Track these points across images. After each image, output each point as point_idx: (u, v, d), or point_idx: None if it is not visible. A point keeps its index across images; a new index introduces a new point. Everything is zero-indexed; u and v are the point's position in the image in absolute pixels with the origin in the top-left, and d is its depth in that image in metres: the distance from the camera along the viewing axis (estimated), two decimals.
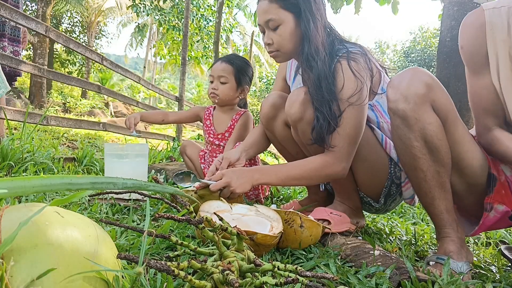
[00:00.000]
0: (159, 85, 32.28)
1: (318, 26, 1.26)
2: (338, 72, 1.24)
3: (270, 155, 6.58)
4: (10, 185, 0.46)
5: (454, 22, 3.26)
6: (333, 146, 1.23)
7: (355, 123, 1.22)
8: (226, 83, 1.93)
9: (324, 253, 1.03)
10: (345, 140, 1.22)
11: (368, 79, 1.26)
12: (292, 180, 1.26)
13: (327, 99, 1.22)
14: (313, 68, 1.25)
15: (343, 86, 1.22)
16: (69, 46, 3.36)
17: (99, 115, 13.13)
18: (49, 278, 0.45)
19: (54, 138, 3.60)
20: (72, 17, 17.89)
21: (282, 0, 1.26)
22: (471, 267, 1.03)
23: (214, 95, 1.95)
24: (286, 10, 1.27)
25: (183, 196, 0.86)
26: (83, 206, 1.31)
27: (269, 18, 1.28)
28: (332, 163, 1.23)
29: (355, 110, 1.21)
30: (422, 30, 18.19)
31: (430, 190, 1.06)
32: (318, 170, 1.24)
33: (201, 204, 1.08)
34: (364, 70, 1.23)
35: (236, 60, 1.96)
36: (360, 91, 1.21)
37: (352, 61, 1.23)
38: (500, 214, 1.08)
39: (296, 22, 1.27)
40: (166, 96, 6.96)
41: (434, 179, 1.05)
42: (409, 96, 1.01)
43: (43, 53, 12.01)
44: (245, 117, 2.02)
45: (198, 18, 11.23)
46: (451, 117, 1.03)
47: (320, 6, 1.29)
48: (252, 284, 0.60)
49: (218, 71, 1.93)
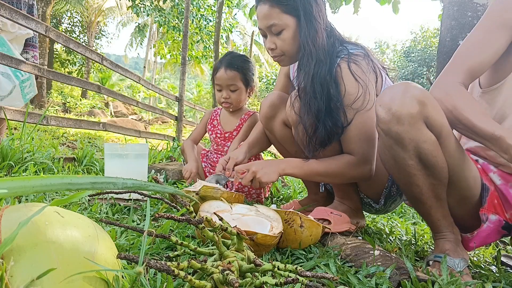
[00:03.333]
0: (159, 85, 32.27)
1: (319, 28, 1.25)
2: (338, 77, 1.23)
3: (270, 155, 6.57)
4: (10, 185, 0.46)
5: (454, 22, 3.26)
6: (352, 151, 1.24)
7: (369, 126, 1.22)
8: (236, 90, 1.94)
9: (324, 253, 1.03)
10: (365, 142, 1.23)
11: (373, 80, 1.24)
12: (318, 176, 1.28)
13: (328, 105, 1.21)
14: (312, 72, 1.24)
15: (345, 92, 1.21)
16: (69, 46, 3.36)
17: (99, 115, 13.13)
18: (49, 278, 0.45)
19: (54, 138, 3.60)
20: (72, 17, 17.89)
21: (283, 4, 1.25)
22: (468, 263, 1.03)
23: (228, 104, 1.95)
24: (287, 14, 1.25)
25: (183, 196, 0.86)
26: (83, 206, 1.31)
27: (272, 23, 1.26)
28: (358, 165, 1.25)
29: (364, 114, 1.21)
30: (422, 30, 18.19)
31: (426, 201, 1.05)
32: (344, 169, 1.25)
33: (201, 204, 1.08)
34: (366, 72, 1.22)
35: (238, 62, 1.93)
36: (363, 95, 1.20)
37: (353, 64, 1.21)
38: (493, 224, 1.08)
39: (298, 25, 1.26)
40: (166, 96, 6.95)
41: (430, 191, 1.03)
42: (402, 116, 0.96)
43: (43, 53, 12.01)
44: (253, 118, 2.03)
45: (198, 18, 11.23)
46: (444, 131, 1.00)
47: (321, 7, 1.28)
48: (252, 284, 0.60)
49: (226, 80, 1.91)
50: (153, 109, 6.25)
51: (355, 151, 1.24)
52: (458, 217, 1.12)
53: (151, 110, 6.16)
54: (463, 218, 1.13)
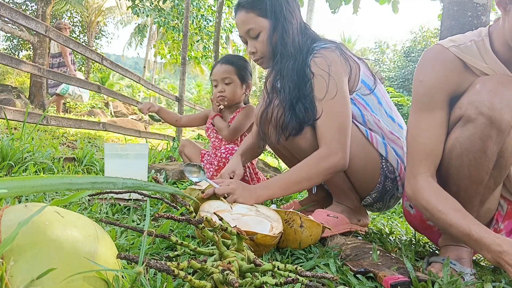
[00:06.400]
0: (159, 85, 32.26)
1: (289, 27, 1.31)
2: (306, 72, 1.28)
3: (270, 155, 6.57)
4: (10, 185, 0.46)
5: (454, 22, 3.26)
6: (320, 141, 1.25)
7: (338, 112, 1.24)
8: (231, 83, 1.99)
9: (324, 253, 1.03)
10: (332, 130, 1.23)
11: (342, 70, 1.27)
12: (294, 185, 1.24)
13: (298, 99, 1.26)
14: (280, 67, 1.30)
15: (313, 85, 1.26)
16: (69, 46, 3.36)
17: (99, 115, 13.11)
18: (49, 278, 0.45)
19: (54, 138, 3.60)
20: (72, 17, 17.87)
21: (257, 8, 1.33)
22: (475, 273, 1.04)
23: (222, 97, 1.99)
24: (262, 17, 1.33)
25: (183, 196, 0.86)
26: (83, 206, 1.31)
27: (249, 27, 1.35)
28: (327, 155, 1.21)
29: (333, 101, 1.23)
30: (422, 30, 18.19)
31: (475, 203, 1.01)
32: (315, 166, 1.22)
33: (201, 204, 1.08)
34: (333, 63, 1.26)
35: (233, 59, 2.02)
36: (326, 85, 1.23)
37: (316, 58, 1.27)
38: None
39: (273, 27, 1.32)
40: (166, 96, 6.96)
41: (487, 193, 1.01)
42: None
43: (43, 53, 11.99)
44: (247, 108, 2.08)
45: (198, 18, 11.22)
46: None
47: (294, 8, 1.35)
48: (252, 284, 0.60)
49: (221, 74, 1.98)
50: None
51: (323, 140, 1.24)
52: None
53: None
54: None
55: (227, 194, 1.19)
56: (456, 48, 1.02)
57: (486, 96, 0.90)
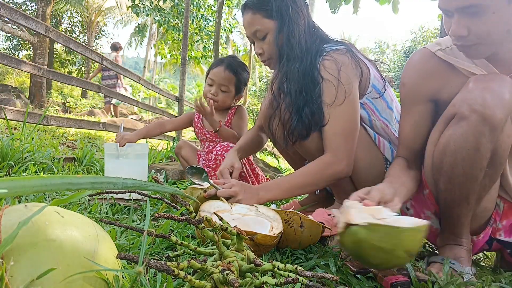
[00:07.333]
0: (159, 85, 32.24)
1: (295, 29, 1.29)
2: (315, 75, 1.26)
3: (270, 155, 6.57)
4: (10, 185, 0.46)
5: None
6: (326, 147, 1.23)
7: (346, 119, 1.22)
8: (226, 92, 1.99)
9: (324, 253, 1.03)
10: (339, 137, 1.22)
11: (353, 74, 1.24)
12: (297, 189, 1.24)
13: (304, 102, 1.25)
14: (286, 70, 1.29)
15: (322, 90, 1.24)
16: (69, 46, 3.36)
17: (99, 115, 13.11)
18: (49, 278, 0.45)
19: (54, 138, 3.60)
20: (72, 17, 17.86)
21: (264, 10, 1.31)
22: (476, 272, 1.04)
23: (213, 100, 1.99)
24: (269, 18, 1.32)
25: (183, 196, 0.86)
26: (83, 206, 1.31)
27: (256, 29, 1.33)
28: (332, 162, 1.22)
29: (342, 107, 1.21)
30: (422, 30, 18.19)
31: (471, 202, 1.01)
32: (320, 172, 1.23)
33: (201, 204, 1.08)
34: (343, 67, 1.23)
35: (238, 68, 1.99)
36: (335, 90, 1.21)
37: (326, 61, 1.24)
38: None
39: (279, 28, 1.31)
40: (166, 96, 6.96)
41: (482, 191, 1.01)
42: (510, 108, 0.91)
43: (43, 53, 12.00)
44: (240, 110, 2.11)
45: (198, 18, 11.22)
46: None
47: (301, 8, 1.32)
48: (252, 284, 0.60)
49: (221, 79, 1.96)
50: (153, 109, 6.25)
51: (329, 147, 1.23)
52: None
53: (151, 110, 6.16)
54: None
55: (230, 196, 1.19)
56: (443, 51, 1.04)
57: (479, 93, 0.91)
